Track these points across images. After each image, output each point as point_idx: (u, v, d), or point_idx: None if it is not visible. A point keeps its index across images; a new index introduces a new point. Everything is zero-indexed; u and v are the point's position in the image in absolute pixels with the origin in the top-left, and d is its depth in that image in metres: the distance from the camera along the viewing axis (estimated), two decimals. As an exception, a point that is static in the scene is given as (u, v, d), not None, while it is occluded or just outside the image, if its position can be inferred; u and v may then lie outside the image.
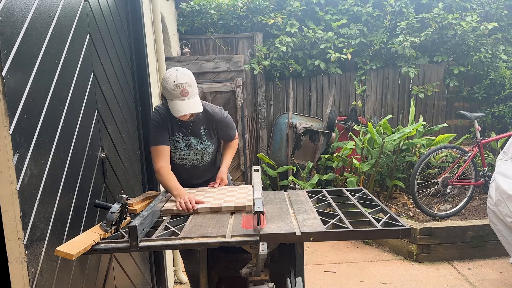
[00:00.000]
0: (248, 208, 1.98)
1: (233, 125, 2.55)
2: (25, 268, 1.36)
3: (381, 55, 5.73)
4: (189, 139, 2.38)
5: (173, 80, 2.16)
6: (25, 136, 1.40)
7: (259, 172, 2.18)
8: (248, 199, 2.06)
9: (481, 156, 4.41)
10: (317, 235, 1.66)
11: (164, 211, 2.04)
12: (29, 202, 1.41)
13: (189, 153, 2.40)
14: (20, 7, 1.41)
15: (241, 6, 5.65)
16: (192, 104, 2.19)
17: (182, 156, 2.41)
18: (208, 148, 2.42)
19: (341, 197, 2.26)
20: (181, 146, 2.38)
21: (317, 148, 5.29)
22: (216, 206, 2.01)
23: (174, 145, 2.38)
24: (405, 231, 1.68)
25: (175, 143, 2.38)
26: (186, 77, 2.19)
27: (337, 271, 3.78)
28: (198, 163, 2.45)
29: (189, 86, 2.18)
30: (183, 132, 2.37)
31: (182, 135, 2.37)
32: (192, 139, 2.39)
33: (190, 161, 2.43)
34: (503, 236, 3.16)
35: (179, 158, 2.42)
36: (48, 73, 1.62)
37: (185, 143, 2.38)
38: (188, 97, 2.18)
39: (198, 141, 2.40)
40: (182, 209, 2.01)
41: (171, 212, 2.03)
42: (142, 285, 2.82)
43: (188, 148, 2.39)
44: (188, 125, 2.36)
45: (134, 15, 2.90)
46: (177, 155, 2.41)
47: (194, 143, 2.39)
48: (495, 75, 5.38)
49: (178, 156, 2.41)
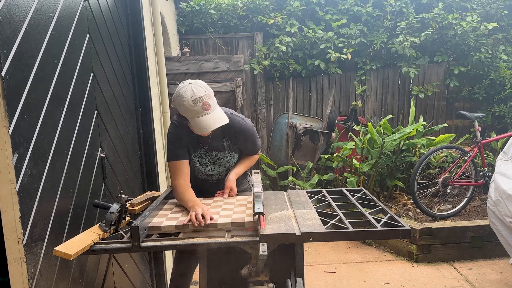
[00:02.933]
0: (247, 225, 1.77)
1: (255, 139, 2.27)
2: (24, 268, 1.36)
3: (381, 55, 5.73)
4: (212, 154, 2.21)
5: (190, 96, 1.94)
6: (25, 136, 1.40)
7: (259, 174, 2.18)
8: (247, 214, 1.88)
9: (481, 156, 4.40)
10: (317, 236, 1.66)
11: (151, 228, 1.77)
12: (29, 202, 1.40)
13: (214, 167, 2.23)
14: (19, 7, 1.41)
15: (241, 6, 5.65)
16: (217, 117, 1.99)
17: (207, 172, 2.24)
18: (233, 159, 2.25)
19: (341, 197, 2.26)
20: (205, 161, 2.21)
21: (317, 148, 5.29)
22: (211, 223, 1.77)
23: (199, 161, 2.21)
24: (405, 231, 1.68)
25: (199, 159, 2.21)
26: (203, 89, 1.98)
27: (337, 271, 3.77)
28: (224, 176, 2.27)
29: (209, 98, 1.98)
30: (205, 145, 2.18)
31: (205, 150, 2.20)
32: (214, 154, 2.21)
33: (216, 176, 2.27)
34: (502, 236, 3.16)
35: (204, 174, 2.25)
36: (48, 73, 1.62)
37: (208, 158, 2.21)
38: (211, 110, 1.98)
39: (222, 155, 2.21)
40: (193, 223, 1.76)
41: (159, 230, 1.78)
42: (142, 285, 2.82)
43: (212, 163, 2.22)
44: (206, 141, 2.17)
45: (134, 15, 2.89)
46: (202, 171, 2.24)
47: (217, 158, 2.22)
48: (495, 75, 5.37)
49: (202, 173, 2.25)
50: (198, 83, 2.02)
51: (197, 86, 1.99)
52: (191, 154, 2.21)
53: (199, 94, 1.95)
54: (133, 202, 2.11)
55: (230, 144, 2.21)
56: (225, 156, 2.23)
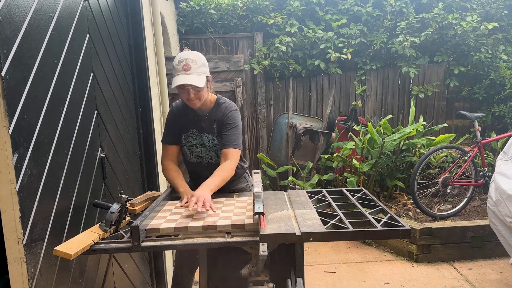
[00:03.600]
0: (247, 227, 1.76)
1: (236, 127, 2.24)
2: (24, 268, 1.36)
3: (381, 55, 5.73)
4: (202, 135, 2.30)
5: (179, 57, 2.14)
6: (25, 136, 1.40)
7: (259, 174, 2.18)
8: (247, 215, 1.87)
9: (481, 156, 4.40)
10: (317, 236, 1.65)
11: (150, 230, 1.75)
12: (29, 202, 1.40)
13: (203, 150, 2.31)
14: (19, 7, 1.41)
15: (241, 6, 5.65)
16: (191, 78, 2.08)
17: (197, 153, 2.33)
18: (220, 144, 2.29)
19: (341, 197, 2.26)
20: (195, 142, 2.31)
21: (317, 148, 5.29)
22: (210, 225, 1.75)
23: (189, 142, 2.31)
24: (405, 231, 1.68)
25: (189, 139, 2.31)
26: (192, 54, 2.15)
27: (337, 271, 3.77)
28: (214, 160, 2.33)
29: (193, 62, 2.11)
30: (197, 127, 2.29)
31: (197, 131, 2.30)
32: (204, 136, 2.30)
33: (206, 159, 2.34)
34: (503, 236, 3.16)
35: (195, 156, 2.34)
36: (48, 73, 1.62)
37: (198, 140, 2.31)
38: (190, 72, 2.10)
39: (210, 137, 2.30)
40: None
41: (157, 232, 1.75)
42: (142, 285, 2.82)
43: (202, 145, 2.31)
44: (203, 119, 2.29)
45: (134, 15, 2.89)
46: (193, 152, 2.33)
47: (206, 140, 2.30)
48: (495, 75, 5.38)
49: (194, 154, 2.34)
50: (194, 52, 2.19)
51: (190, 52, 2.17)
52: (182, 135, 2.31)
53: (186, 56, 2.13)
54: (133, 202, 2.11)
55: (218, 126, 2.28)
56: (213, 140, 2.30)
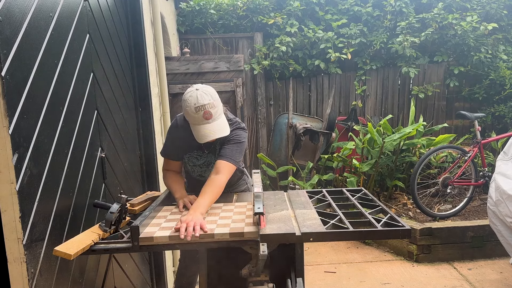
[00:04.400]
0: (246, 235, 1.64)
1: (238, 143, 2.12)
2: (24, 268, 1.35)
3: (381, 55, 5.73)
4: (207, 156, 2.22)
5: (193, 103, 1.95)
6: (25, 136, 1.40)
7: (259, 174, 2.18)
8: (247, 222, 1.75)
9: (481, 156, 4.40)
10: (317, 236, 1.65)
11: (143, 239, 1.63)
12: (29, 202, 1.40)
13: (206, 170, 2.23)
14: (19, 7, 1.41)
15: (241, 6, 5.65)
16: (216, 127, 1.98)
17: (200, 173, 2.28)
18: None
19: (341, 197, 2.26)
20: (199, 163, 2.24)
21: (317, 148, 5.29)
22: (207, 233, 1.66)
23: (192, 162, 2.24)
24: (405, 231, 1.68)
25: (193, 160, 2.24)
26: (208, 97, 1.97)
27: (337, 271, 3.77)
28: None
29: (212, 107, 1.96)
30: (202, 149, 2.21)
31: (201, 152, 2.22)
32: (209, 156, 2.22)
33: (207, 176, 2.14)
34: (503, 236, 3.16)
35: (197, 174, 2.30)
36: (48, 73, 1.62)
37: (203, 160, 2.23)
38: (212, 120, 1.97)
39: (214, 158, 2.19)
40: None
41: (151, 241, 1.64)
42: (142, 285, 2.82)
43: (206, 165, 2.23)
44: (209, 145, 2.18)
45: (134, 15, 2.89)
46: (195, 171, 2.29)
47: (210, 160, 2.22)
48: (495, 75, 5.38)
49: (196, 173, 2.29)
50: (204, 90, 2.00)
51: (202, 93, 1.97)
52: (185, 154, 2.24)
53: (203, 102, 1.95)
54: (133, 202, 2.11)
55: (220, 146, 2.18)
56: None
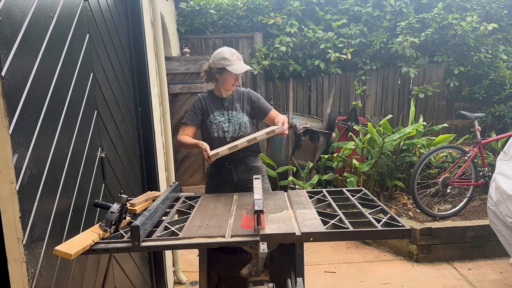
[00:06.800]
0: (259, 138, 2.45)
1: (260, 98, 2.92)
2: (24, 268, 1.35)
3: (381, 55, 5.73)
4: (228, 113, 2.78)
5: (228, 50, 2.70)
6: (25, 136, 1.40)
7: (259, 179, 2.17)
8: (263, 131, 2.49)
9: (481, 156, 4.40)
10: (317, 236, 1.65)
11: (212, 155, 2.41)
12: (29, 202, 1.40)
13: (229, 125, 2.75)
14: (19, 7, 1.41)
15: (241, 6, 5.65)
16: (244, 65, 2.72)
17: (223, 128, 2.75)
18: (243, 118, 2.78)
19: (341, 197, 2.26)
20: (222, 119, 2.76)
21: (317, 148, 5.29)
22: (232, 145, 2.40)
23: (217, 119, 2.75)
24: (405, 231, 1.68)
25: (217, 117, 2.75)
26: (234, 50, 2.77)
27: (337, 271, 3.77)
28: (237, 134, 2.75)
29: (239, 55, 2.74)
30: (224, 107, 2.78)
31: (223, 110, 2.77)
32: (230, 113, 2.78)
33: (230, 133, 2.74)
34: (503, 236, 3.16)
35: (221, 131, 2.74)
36: (48, 73, 1.62)
37: (225, 116, 2.77)
38: (242, 62, 2.72)
39: (234, 113, 2.78)
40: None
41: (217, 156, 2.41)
42: (142, 285, 2.82)
43: (228, 121, 2.76)
44: (227, 101, 2.80)
45: (134, 15, 2.89)
46: (220, 128, 2.75)
47: (231, 115, 2.78)
48: (495, 75, 5.38)
49: (220, 129, 2.75)
50: None
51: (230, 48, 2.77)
52: (212, 114, 2.76)
53: (234, 51, 2.74)
54: (133, 202, 2.11)
55: (241, 105, 2.81)
56: (237, 114, 2.77)
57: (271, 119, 2.86)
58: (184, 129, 2.77)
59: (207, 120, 2.77)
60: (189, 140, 2.68)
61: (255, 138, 2.45)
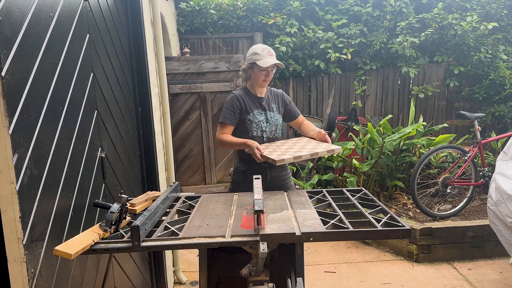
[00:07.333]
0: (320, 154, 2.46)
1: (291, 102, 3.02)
2: (24, 268, 1.36)
3: (381, 55, 5.73)
4: (266, 113, 2.83)
5: (260, 46, 2.78)
6: (25, 136, 1.40)
7: (259, 179, 2.17)
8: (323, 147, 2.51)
9: (481, 156, 4.40)
10: (317, 236, 1.65)
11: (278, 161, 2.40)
12: (29, 202, 1.40)
13: (266, 125, 2.81)
14: (19, 6, 1.41)
15: (241, 6, 5.65)
16: (274, 60, 2.76)
17: (262, 128, 2.80)
18: (279, 120, 2.88)
19: (341, 197, 2.25)
20: (261, 119, 2.80)
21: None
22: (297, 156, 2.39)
23: (256, 118, 2.79)
24: (405, 231, 1.67)
25: (256, 116, 2.79)
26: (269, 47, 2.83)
27: (337, 271, 3.77)
28: (273, 135, 2.84)
29: (272, 51, 2.79)
30: (261, 106, 2.83)
31: (261, 110, 2.82)
32: (267, 113, 2.84)
33: (267, 133, 2.81)
34: (503, 236, 3.16)
35: (260, 130, 2.80)
36: (48, 73, 1.62)
37: (264, 116, 2.82)
38: (273, 57, 2.76)
39: (272, 114, 2.85)
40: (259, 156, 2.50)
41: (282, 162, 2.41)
42: (142, 285, 2.82)
43: (266, 121, 2.82)
44: (263, 101, 2.85)
45: (134, 15, 2.89)
46: (259, 127, 2.80)
47: (269, 116, 2.84)
48: (495, 75, 5.38)
49: (259, 129, 2.80)
50: None
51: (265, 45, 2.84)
52: (251, 112, 2.79)
53: (266, 46, 2.79)
54: (133, 202, 2.11)
55: (277, 106, 2.89)
56: (275, 116, 2.85)
57: (297, 124, 2.98)
58: (223, 128, 2.77)
59: (246, 118, 2.77)
60: (234, 139, 2.70)
61: (317, 153, 2.46)
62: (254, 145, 2.54)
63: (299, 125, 2.98)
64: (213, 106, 5.17)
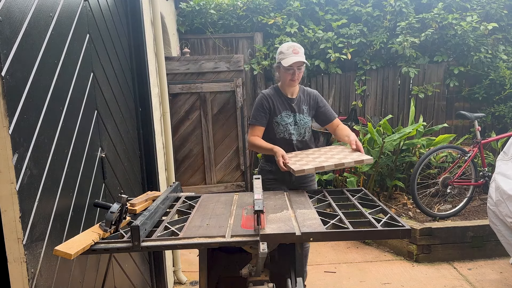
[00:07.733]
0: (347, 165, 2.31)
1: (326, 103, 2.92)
2: (24, 268, 1.36)
3: (381, 55, 5.73)
4: (295, 115, 2.77)
5: (287, 44, 2.69)
6: (25, 136, 1.40)
7: (259, 179, 2.17)
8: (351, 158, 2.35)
9: (481, 156, 4.40)
10: (317, 236, 1.66)
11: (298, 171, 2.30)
12: (29, 202, 1.41)
13: (295, 127, 2.76)
14: (19, 6, 1.41)
15: (241, 6, 5.65)
16: (301, 58, 2.64)
17: (289, 130, 2.75)
18: (309, 123, 2.80)
19: (341, 197, 2.26)
20: (289, 121, 2.75)
21: (317, 148, 5.28)
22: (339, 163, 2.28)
23: (284, 120, 2.74)
24: (405, 231, 1.68)
25: (284, 119, 2.74)
26: (295, 44, 2.72)
27: (337, 271, 3.77)
28: (301, 137, 2.78)
29: (300, 48, 2.67)
30: (291, 108, 2.76)
31: (290, 112, 2.76)
32: (297, 115, 2.77)
33: (295, 136, 2.76)
34: (503, 236, 3.16)
35: (288, 133, 2.75)
36: (48, 73, 1.62)
37: (292, 118, 2.76)
38: (299, 55, 2.65)
39: (301, 116, 2.78)
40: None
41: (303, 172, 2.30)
42: (142, 285, 2.82)
43: (294, 123, 2.76)
44: (294, 102, 2.78)
45: (134, 15, 2.89)
46: (287, 130, 2.75)
47: (298, 118, 2.78)
48: (495, 75, 5.37)
49: (287, 131, 2.75)
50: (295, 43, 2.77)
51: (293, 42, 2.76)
52: (279, 114, 2.73)
53: (293, 44, 2.70)
54: (133, 202, 2.11)
55: (308, 108, 2.81)
56: (304, 118, 2.78)
57: (333, 127, 2.88)
58: (253, 130, 2.74)
59: (273, 119, 2.73)
60: (263, 143, 2.66)
61: (343, 164, 2.31)
62: (279, 153, 2.47)
63: (334, 129, 2.88)
64: (213, 106, 5.17)
